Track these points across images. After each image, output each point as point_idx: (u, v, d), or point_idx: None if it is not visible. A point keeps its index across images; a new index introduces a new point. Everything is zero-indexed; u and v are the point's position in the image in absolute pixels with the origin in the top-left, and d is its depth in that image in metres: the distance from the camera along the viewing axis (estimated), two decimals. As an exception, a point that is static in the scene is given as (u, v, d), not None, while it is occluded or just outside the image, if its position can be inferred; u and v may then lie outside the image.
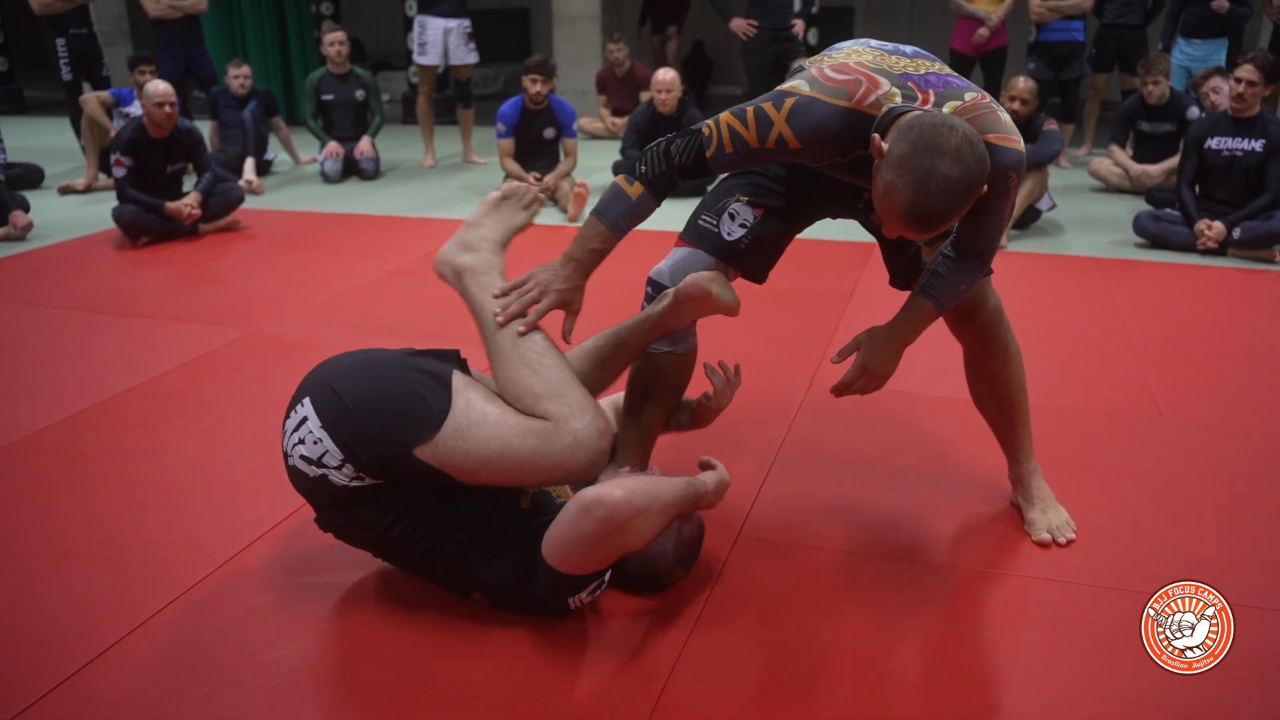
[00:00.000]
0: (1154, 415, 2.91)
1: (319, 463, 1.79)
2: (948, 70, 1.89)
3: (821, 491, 2.45)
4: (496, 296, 1.91)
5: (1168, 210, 4.94)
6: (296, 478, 1.86)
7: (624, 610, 1.95)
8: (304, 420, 1.81)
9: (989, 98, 1.85)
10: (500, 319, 1.87)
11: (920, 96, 1.79)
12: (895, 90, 1.79)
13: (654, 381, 2.17)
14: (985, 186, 1.69)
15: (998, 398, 2.24)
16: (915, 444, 2.70)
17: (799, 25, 6.40)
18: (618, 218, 1.90)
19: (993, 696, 1.75)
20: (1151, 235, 4.83)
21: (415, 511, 1.84)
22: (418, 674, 1.78)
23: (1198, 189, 4.82)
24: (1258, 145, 4.63)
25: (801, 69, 1.92)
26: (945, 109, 1.78)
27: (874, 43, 1.93)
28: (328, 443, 1.77)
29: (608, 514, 1.70)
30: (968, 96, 1.82)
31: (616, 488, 1.72)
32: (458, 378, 1.85)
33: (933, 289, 1.96)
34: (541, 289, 1.90)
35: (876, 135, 1.72)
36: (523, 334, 1.85)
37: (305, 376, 1.90)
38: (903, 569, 2.11)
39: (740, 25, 6.22)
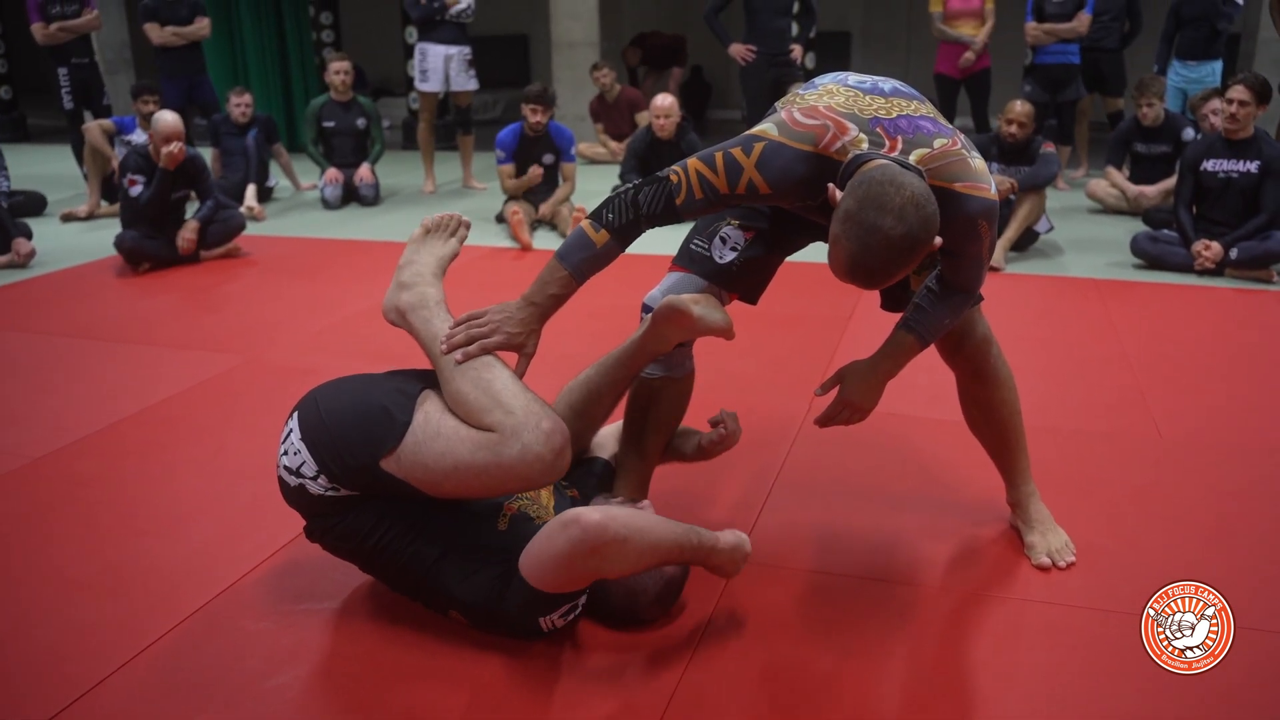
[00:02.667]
0: (1153, 436, 2.91)
1: (297, 472, 1.87)
2: (925, 111, 1.87)
3: (821, 515, 2.45)
4: (452, 328, 1.92)
5: (1165, 231, 4.97)
6: (282, 487, 1.94)
7: (623, 635, 1.95)
8: (290, 432, 1.90)
9: (960, 143, 1.84)
10: (444, 346, 1.88)
11: (888, 143, 1.79)
12: (862, 136, 1.79)
13: (650, 408, 2.18)
14: (938, 240, 1.69)
15: (992, 423, 2.25)
16: (914, 467, 2.71)
17: (797, 50, 6.44)
18: (580, 264, 1.89)
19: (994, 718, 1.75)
20: (1149, 256, 4.85)
21: (392, 523, 1.87)
22: (416, 702, 1.78)
23: (1194, 210, 4.85)
24: (1253, 166, 4.66)
25: (774, 111, 1.91)
26: (912, 156, 1.78)
27: (852, 79, 1.92)
28: (305, 454, 1.85)
29: (581, 535, 1.70)
30: (937, 144, 1.81)
31: (596, 511, 1.73)
32: (425, 394, 1.88)
33: (915, 323, 1.97)
34: (493, 327, 1.90)
35: (832, 186, 1.73)
36: (460, 363, 1.86)
37: (303, 397, 1.97)
38: (903, 592, 2.11)
39: (739, 51, 6.27)
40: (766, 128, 1.84)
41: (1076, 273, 4.82)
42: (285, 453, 1.89)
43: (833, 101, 1.84)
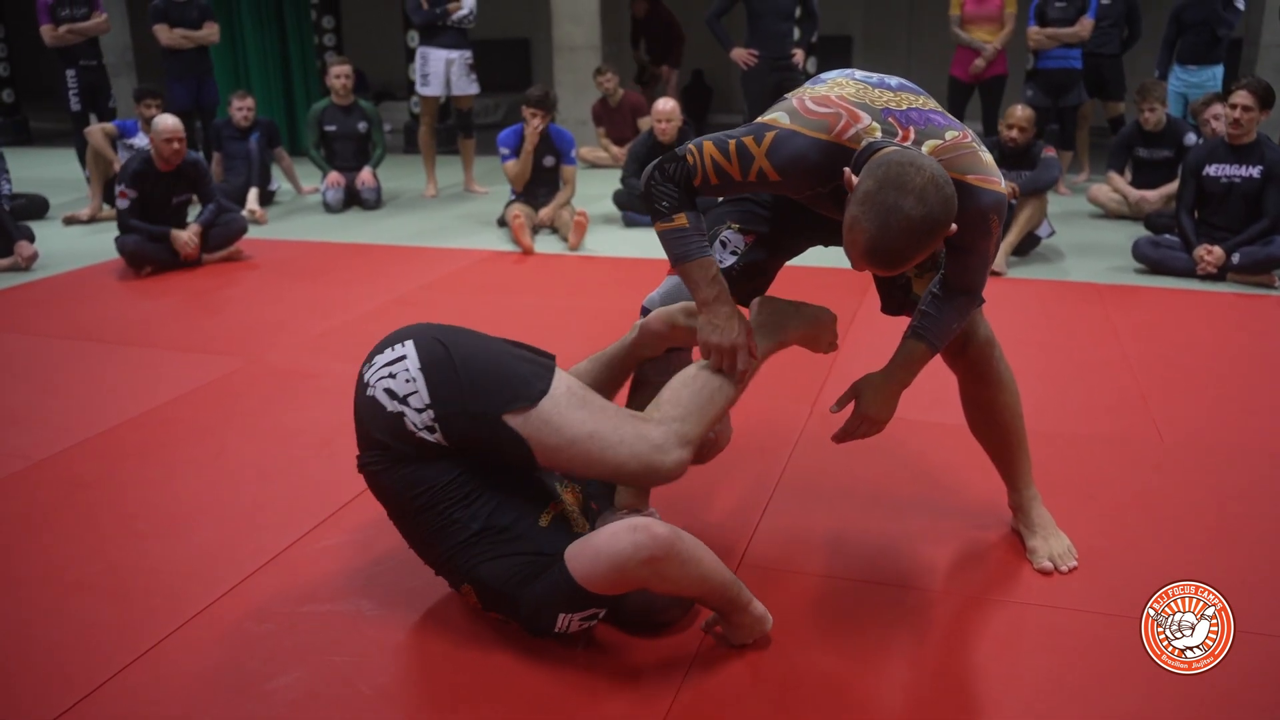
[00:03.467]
0: (1154, 440, 2.91)
1: (403, 400, 1.82)
2: (932, 105, 1.89)
3: (823, 519, 2.45)
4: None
5: (1167, 236, 4.96)
6: (368, 409, 1.86)
7: (628, 637, 1.94)
8: (401, 359, 1.85)
9: (971, 136, 1.85)
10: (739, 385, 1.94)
11: (900, 132, 1.79)
12: (875, 125, 1.80)
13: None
14: (954, 227, 1.68)
15: (994, 426, 2.25)
16: (916, 471, 2.71)
17: (798, 54, 6.45)
18: (699, 243, 1.89)
19: (995, 724, 1.75)
20: (1151, 261, 4.84)
21: (447, 490, 1.85)
22: (420, 702, 1.78)
23: (1196, 215, 4.84)
24: (1255, 172, 4.66)
25: (785, 99, 1.92)
26: (924, 147, 1.78)
27: (859, 74, 1.93)
28: (420, 384, 1.81)
29: (650, 542, 1.70)
30: (948, 135, 1.82)
31: (666, 526, 1.74)
32: (560, 371, 1.90)
33: (924, 330, 1.97)
34: (733, 346, 1.90)
35: (848, 170, 1.73)
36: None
37: (405, 328, 1.94)
38: (904, 596, 2.11)
39: (740, 55, 6.27)
40: (777, 115, 1.85)
41: (1078, 277, 4.82)
42: (393, 376, 1.83)
43: (844, 92, 1.85)
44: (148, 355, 3.71)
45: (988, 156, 1.86)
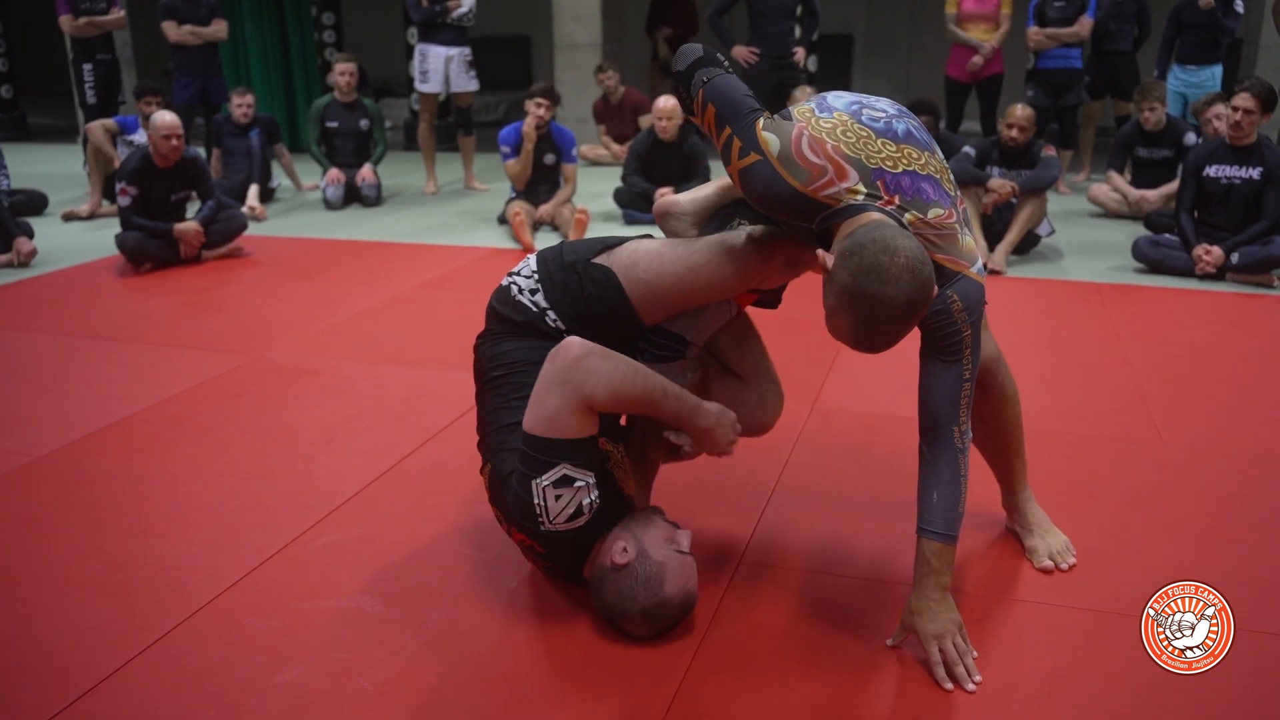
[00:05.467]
0: (1154, 440, 2.92)
1: (516, 273, 2.10)
2: (931, 169, 1.84)
3: (823, 517, 2.45)
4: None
5: (1166, 236, 4.97)
6: (496, 292, 2.12)
7: (626, 638, 1.95)
8: (526, 261, 2.12)
9: (956, 216, 1.82)
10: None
11: (885, 198, 1.76)
12: (861, 187, 1.76)
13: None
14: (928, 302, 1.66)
15: (994, 436, 2.24)
16: (914, 470, 2.70)
17: (800, 53, 6.45)
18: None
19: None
20: (1150, 260, 4.85)
21: (515, 369, 2.00)
22: (421, 699, 1.78)
23: (1196, 215, 4.85)
24: (1255, 173, 4.66)
25: (788, 113, 1.87)
26: (905, 217, 1.75)
27: (867, 116, 1.86)
28: (531, 260, 2.10)
29: (563, 348, 1.83)
30: (932, 213, 1.78)
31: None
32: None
33: (930, 523, 1.86)
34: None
35: (823, 252, 1.70)
36: None
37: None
38: (905, 593, 2.10)
39: (742, 53, 6.28)
40: (769, 140, 1.80)
41: (1078, 276, 4.83)
42: (519, 273, 2.09)
43: (844, 142, 1.80)
44: (148, 352, 3.71)
45: (968, 241, 1.83)
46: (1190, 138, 5.81)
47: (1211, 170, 4.75)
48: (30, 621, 2.02)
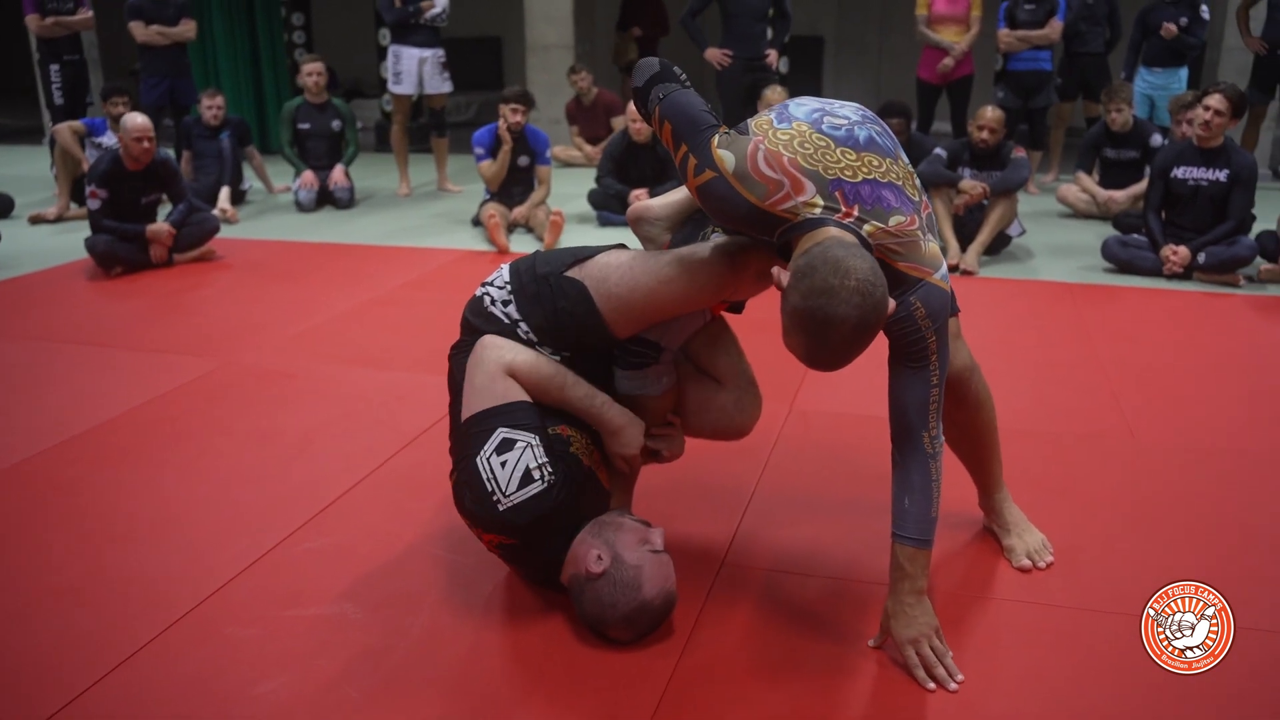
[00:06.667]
0: (1127, 437, 2.96)
1: (489, 283, 2.12)
2: (893, 176, 1.83)
3: (804, 519, 2.47)
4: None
5: (1134, 236, 5.04)
6: (469, 303, 2.14)
7: (612, 642, 1.96)
8: (500, 270, 2.15)
9: (918, 223, 1.81)
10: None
11: (843, 210, 1.75)
12: (818, 200, 1.75)
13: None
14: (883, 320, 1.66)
15: (969, 440, 2.27)
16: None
17: (773, 55, 6.47)
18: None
19: (979, 718, 1.78)
20: (1119, 260, 4.92)
21: None
22: (406, 704, 1.78)
23: (1164, 216, 4.92)
24: (1222, 175, 4.73)
25: (746, 126, 1.87)
26: (865, 229, 1.74)
27: (830, 124, 1.84)
28: (504, 270, 2.12)
29: (481, 339, 1.99)
30: (893, 221, 1.77)
31: None
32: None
33: (903, 528, 1.88)
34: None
35: (778, 269, 1.71)
36: None
37: None
38: (885, 593, 2.13)
39: (715, 55, 6.29)
40: (724, 156, 1.80)
41: (1048, 276, 4.88)
42: (492, 284, 2.12)
43: (800, 154, 1.78)
44: (121, 357, 3.68)
45: (931, 246, 1.82)
46: (1157, 139, 5.89)
47: (1179, 172, 4.82)
48: (8, 631, 2.00)
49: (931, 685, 1.82)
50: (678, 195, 2.26)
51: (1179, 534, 2.39)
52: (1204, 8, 6.67)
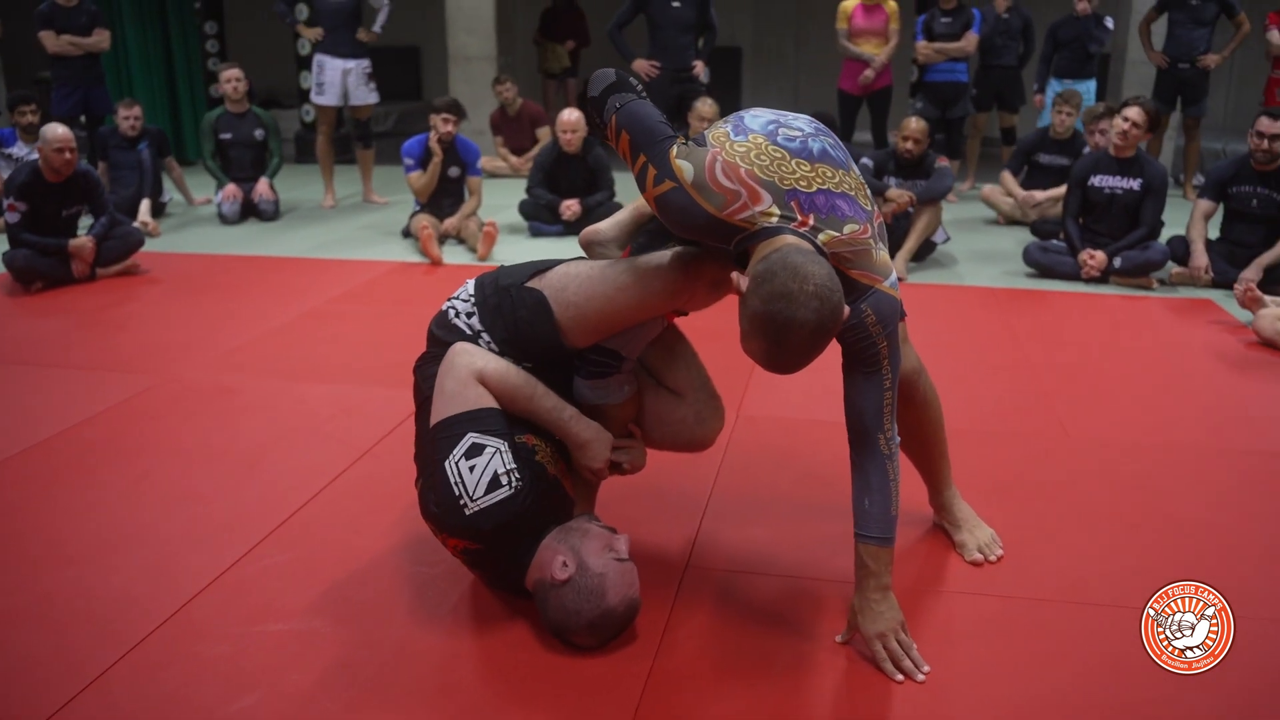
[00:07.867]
0: (1060, 434, 3.08)
1: (454, 297, 2.15)
2: (846, 186, 1.88)
3: (760, 521, 2.52)
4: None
5: (1054, 242, 5.24)
6: (437, 317, 2.16)
7: (576, 648, 1.97)
8: (466, 285, 2.18)
9: (871, 232, 1.86)
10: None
11: (799, 219, 1.80)
12: (775, 210, 1.80)
13: None
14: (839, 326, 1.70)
15: (918, 440, 2.34)
16: (842, 471, 2.79)
17: (699, 66, 6.56)
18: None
19: (946, 706, 1.84)
20: (1040, 265, 5.10)
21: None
22: (385, 716, 1.77)
23: (1081, 222, 5.12)
24: (1136, 184, 4.95)
25: (703, 138, 1.91)
26: (820, 237, 1.79)
27: (784, 136, 1.89)
28: (469, 284, 2.16)
29: (452, 349, 2.02)
30: (847, 229, 1.82)
31: None
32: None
33: (865, 528, 1.93)
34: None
35: (737, 275, 1.73)
36: None
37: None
38: (845, 590, 2.18)
39: (642, 66, 6.35)
40: (683, 167, 1.83)
41: (974, 281, 5.04)
42: (458, 297, 2.15)
43: (757, 165, 1.83)
44: (50, 375, 3.57)
45: (883, 255, 1.89)
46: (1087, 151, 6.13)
47: (1096, 180, 5.02)
48: (-39, 660, 1.94)
49: (900, 677, 1.89)
50: (624, 214, 2.29)
51: (1115, 524, 2.50)
52: (1108, 19, 6.97)
